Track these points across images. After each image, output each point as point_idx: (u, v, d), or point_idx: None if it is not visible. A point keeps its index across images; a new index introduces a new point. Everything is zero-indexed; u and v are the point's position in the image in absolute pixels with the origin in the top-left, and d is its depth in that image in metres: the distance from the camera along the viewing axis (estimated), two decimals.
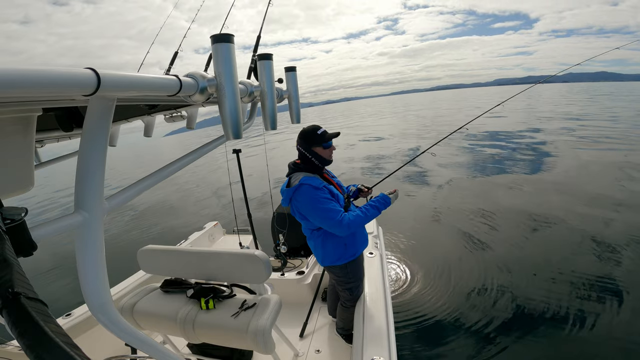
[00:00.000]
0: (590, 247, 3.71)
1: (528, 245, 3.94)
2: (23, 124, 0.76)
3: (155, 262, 1.71)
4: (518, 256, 3.70)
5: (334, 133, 1.78)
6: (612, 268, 3.27)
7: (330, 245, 1.81)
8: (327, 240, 1.80)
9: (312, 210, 1.67)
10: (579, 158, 7.90)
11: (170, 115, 1.67)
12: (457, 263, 3.71)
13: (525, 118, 17.41)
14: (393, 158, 10.90)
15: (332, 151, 1.78)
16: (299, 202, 1.71)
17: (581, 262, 3.43)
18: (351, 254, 1.84)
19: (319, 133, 1.73)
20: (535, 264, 3.50)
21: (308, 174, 1.75)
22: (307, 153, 1.76)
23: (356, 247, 1.86)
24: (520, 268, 3.45)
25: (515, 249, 3.90)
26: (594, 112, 18.47)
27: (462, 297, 3.10)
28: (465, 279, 3.39)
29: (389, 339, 1.62)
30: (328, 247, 1.82)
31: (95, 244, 0.61)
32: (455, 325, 2.75)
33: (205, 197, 9.52)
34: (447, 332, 2.70)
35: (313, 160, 1.76)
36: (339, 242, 1.80)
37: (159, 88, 0.58)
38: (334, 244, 1.80)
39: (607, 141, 9.72)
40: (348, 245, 1.82)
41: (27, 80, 0.36)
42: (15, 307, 0.32)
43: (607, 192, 5.34)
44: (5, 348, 1.58)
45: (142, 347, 0.75)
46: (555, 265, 3.43)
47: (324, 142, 1.73)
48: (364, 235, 1.94)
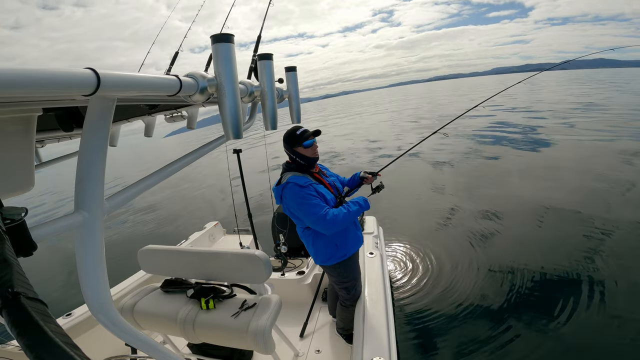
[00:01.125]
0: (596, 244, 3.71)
1: (530, 246, 3.94)
2: (23, 124, 0.76)
3: (155, 262, 1.71)
4: (519, 256, 3.70)
5: (312, 131, 1.78)
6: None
7: (321, 244, 1.83)
8: (317, 239, 1.83)
9: (298, 207, 1.70)
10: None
11: (171, 115, 1.67)
12: (458, 263, 3.71)
13: (564, 109, 15.35)
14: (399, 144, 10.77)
15: (314, 149, 1.79)
16: (287, 200, 1.75)
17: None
18: (342, 255, 1.84)
19: (298, 133, 1.76)
20: (536, 265, 3.50)
21: (297, 173, 1.78)
22: (292, 154, 1.80)
23: (347, 247, 1.85)
24: (522, 268, 3.45)
25: (516, 249, 3.89)
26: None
27: (462, 297, 3.10)
28: (466, 279, 3.38)
29: (389, 339, 1.62)
30: (319, 246, 1.84)
31: (95, 244, 0.61)
32: (455, 325, 2.75)
33: (206, 197, 9.52)
34: (447, 332, 2.69)
35: (298, 160, 1.80)
36: (329, 242, 1.81)
37: (159, 88, 0.58)
38: (325, 244, 1.82)
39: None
40: (339, 246, 1.82)
41: (27, 80, 0.36)
42: (15, 307, 0.32)
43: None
44: (5, 348, 1.58)
45: (142, 347, 0.75)
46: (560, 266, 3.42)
47: (304, 141, 1.75)
48: (356, 236, 1.92)
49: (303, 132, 1.76)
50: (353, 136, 15.73)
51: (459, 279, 3.41)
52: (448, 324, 2.77)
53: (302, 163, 1.80)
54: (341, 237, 1.81)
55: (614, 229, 3.96)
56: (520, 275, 3.33)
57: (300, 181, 1.70)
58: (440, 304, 3.04)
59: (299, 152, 1.78)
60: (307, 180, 1.74)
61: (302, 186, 1.69)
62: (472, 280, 3.34)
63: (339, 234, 1.79)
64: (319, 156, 1.83)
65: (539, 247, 3.84)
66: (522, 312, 2.80)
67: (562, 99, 20.60)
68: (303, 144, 1.75)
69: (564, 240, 3.93)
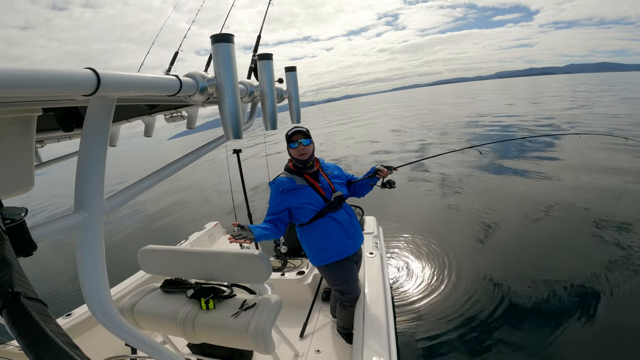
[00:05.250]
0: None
1: (532, 246, 3.94)
2: (23, 124, 0.76)
3: (155, 262, 1.71)
4: (522, 258, 3.70)
5: (298, 134, 1.76)
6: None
7: (305, 244, 1.88)
8: (302, 239, 1.88)
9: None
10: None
11: (171, 115, 1.67)
12: (458, 262, 3.71)
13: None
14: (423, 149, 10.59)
15: (299, 151, 1.76)
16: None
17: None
18: (325, 258, 1.83)
19: (289, 134, 1.78)
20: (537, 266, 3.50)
21: (287, 174, 1.83)
22: (288, 153, 1.85)
23: (330, 253, 1.82)
24: (523, 270, 3.45)
25: (519, 249, 3.89)
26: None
27: (463, 297, 3.10)
28: (466, 279, 3.38)
29: (389, 339, 1.62)
30: (304, 246, 1.90)
31: (95, 244, 0.61)
32: (456, 325, 2.75)
33: (206, 197, 9.52)
34: (447, 332, 2.69)
35: (291, 160, 1.85)
36: (312, 244, 1.84)
37: (159, 88, 0.58)
38: (308, 245, 1.86)
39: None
40: (322, 250, 1.82)
41: (27, 80, 0.36)
42: (15, 307, 0.32)
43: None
44: (5, 348, 1.58)
45: (142, 347, 0.76)
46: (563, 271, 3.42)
47: (289, 143, 1.78)
48: (344, 244, 1.84)
49: (292, 133, 1.76)
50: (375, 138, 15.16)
51: (460, 279, 3.41)
52: (448, 324, 2.77)
53: (293, 163, 1.84)
54: (323, 241, 1.80)
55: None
56: (520, 276, 3.32)
57: (278, 181, 1.80)
58: (440, 304, 3.04)
59: (289, 152, 1.82)
60: (286, 181, 1.78)
61: (276, 187, 1.78)
62: (473, 281, 3.34)
63: (320, 238, 1.80)
64: (306, 159, 1.78)
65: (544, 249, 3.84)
66: (522, 313, 2.80)
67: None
68: (290, 145, 1.78)
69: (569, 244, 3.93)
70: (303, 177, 1.81)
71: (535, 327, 2.61)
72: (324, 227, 1.79)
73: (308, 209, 1.76)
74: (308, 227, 1.81)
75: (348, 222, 1.86)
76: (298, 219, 1.82)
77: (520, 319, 2.73)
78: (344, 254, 1.85)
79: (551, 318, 2.68)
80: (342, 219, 1.83)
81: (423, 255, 3.99)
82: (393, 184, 1.94)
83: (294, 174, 1.82)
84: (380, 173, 1.89)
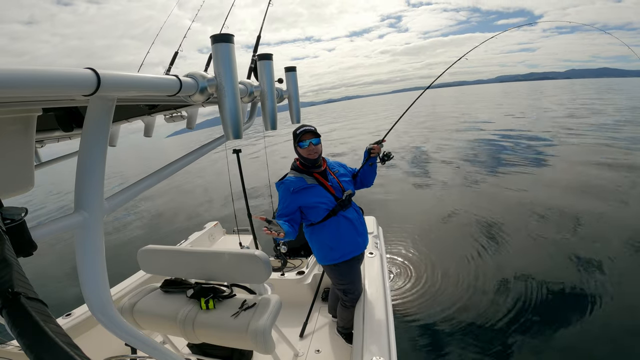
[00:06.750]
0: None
1: (532, 246, 3.94)
2: (23, 124, 0.76)
3: (155, 262, 1.71)
4: (522, 257, 3.70)
5: (304, 131, 1.73)
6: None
7: (315, 244, 1.85)
8: (312, 238, 1.85)
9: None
10: None
11: (171, 116, 1.67)
12: (458, 263, 3.71)
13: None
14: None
15: (309, 151, 1.74)
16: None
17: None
18: (335, 257, 1.82)
19: (297, 133, 1.75)
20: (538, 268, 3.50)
21: (295, 173, 1.79)
22: (295, 152, 1.82)
23: (341, 251, 1.81)
24: (523, 271, 3.45)
25: (520, 252, 3.89)
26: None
27: (463, 297, 3.10)
28: (466, 279, 3.39)
29: (389, 339, 1.62)
30: (314, 245, 1.86)
31: (95, 244, 0.61)
32: (456, 325, 2.75)
33: (206, 197, 9.52)
34: (447, 332, 2.70)
35: (299, 159, 1.81)
36: (322, 244, 1.82)
37: (159, 88, 0.58)
38: (319, 244, 1.83)
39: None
40: (333, 248, 1.81)
41: (27, 80, 0.36)
42: (15, 307, 0.32)
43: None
44: (5, 348, 1.58)
45: (142, 347, 0.76)
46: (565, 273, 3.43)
47: (299, 142, 1.75)
48: (355, 242, 1.85)
49: (301, 133, 1.74)
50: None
51: (460, 279, 3.41)
52: (448, 324, 2.78)
53: (301, 162, 1.81)
54: (334, 240, 1.79)
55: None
56: (521, 277, 3.33)
57: (287, 181, 1.74)
58: (440, 304, 3.04)
59: (298, 152, 1.79)
60: (296, 181, 1.74)
61: (285, 186, 1.74)
62: (474, 281, 3.35)
63: (332, 237, 1.78)
64: (316, 157, 1.77)
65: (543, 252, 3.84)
66: (522, 313, 2.80)
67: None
68: (299, 144, 1.75)
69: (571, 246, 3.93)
70: (313, 176, 1.79)
71: (535, 327, 2.61)
72: (335, 226, 1.78)
73: (321, 208, 1.75)
74: (319, 226, 1.79)
75: (358, 220, 1.87)
76: (309, 218, 1.79)
77: (521, 319, 2.73)
78: (355, 252, 1.87)
79: (553, 318, 2.68)
80: (353, 217, 1.83)
81: (423, 256, 3.99)
82: (390, 154, 1.99)
83: (303, 173, 1.80)
84: (373, 151, 1.93)
